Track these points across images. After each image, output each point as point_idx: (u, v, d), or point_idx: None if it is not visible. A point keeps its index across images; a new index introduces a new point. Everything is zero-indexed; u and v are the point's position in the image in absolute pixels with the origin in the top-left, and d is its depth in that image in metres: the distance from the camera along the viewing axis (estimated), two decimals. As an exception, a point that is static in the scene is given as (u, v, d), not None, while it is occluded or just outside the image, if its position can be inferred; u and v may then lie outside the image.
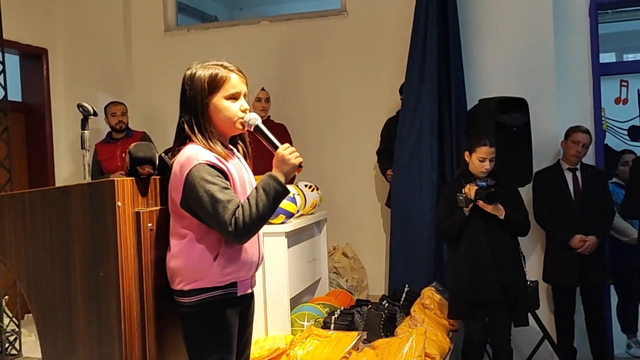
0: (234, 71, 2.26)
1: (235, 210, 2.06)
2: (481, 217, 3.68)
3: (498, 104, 4.46)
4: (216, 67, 2.24)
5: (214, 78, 2.21)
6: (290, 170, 2.15)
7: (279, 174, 2.14)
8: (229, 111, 2.22)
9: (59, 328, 2.14)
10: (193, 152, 2.14)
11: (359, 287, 5.23)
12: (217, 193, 2.07)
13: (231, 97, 2.23)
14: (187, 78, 2.24)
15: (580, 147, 4.43)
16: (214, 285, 2.17)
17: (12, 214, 2.19)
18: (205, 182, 2.08)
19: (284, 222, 3.83)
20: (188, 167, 2.11)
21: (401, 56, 4.94)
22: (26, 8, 5.63)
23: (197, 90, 2.21)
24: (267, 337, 3.71)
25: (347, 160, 5.45)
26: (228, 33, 5.77)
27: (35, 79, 5.87)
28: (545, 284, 4.66)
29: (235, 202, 2.08)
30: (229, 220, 2.05)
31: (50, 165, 5.86)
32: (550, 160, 4.70)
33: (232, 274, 2.19)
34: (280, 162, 2.15)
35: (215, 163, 2.13)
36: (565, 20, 4.89)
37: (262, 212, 2.08)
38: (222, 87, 2.22)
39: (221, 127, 2.25)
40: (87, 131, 2.54)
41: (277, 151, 2.17)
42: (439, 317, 4.03)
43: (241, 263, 2.22)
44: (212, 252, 2.15)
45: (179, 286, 2.19)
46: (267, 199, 2.09)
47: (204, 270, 2.15)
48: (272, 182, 2.11)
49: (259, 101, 5.01)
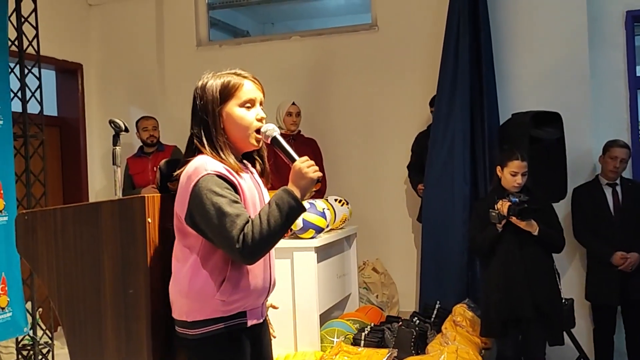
0: (248, 78, 2.10)
1: (244, 226, 1.87)
2: (514, 233, 3.62)
3: (532, 118, 4.40)
4: (228, 75, 2.09)
5: (226, 85, 2.05)
6: (307, 185, 1.95)
7: (294, 188, 1.94)
8: (244, 120, 2.04)
9: (89, 344, 2.15)
10: (201, 163, 1.97)
11: (389, 303, 5.18)
12: (224, 206, 1.88)
13: (245, 104, 2.06)
14: (199, 88, 2.09)
15: (619, 162, 4.34)
16: (220, 315, 1.97)
17: (45, 229, 2.20)
18: (212, 194, 1.90)
19: (314, 236, 3.81)
20: (195, 178, 1.94)
21: (432, 70, 4.91)
22: (62, 25, 5.74)
23: (208, 99, 2.04)
24: (296, 353, 3.69)
25: (377, 174, 5.42)
26: (260, 48, 5.80)
27: (70, 94, 5.98)
28: (585, 303, 4.57)
29: (245, 217, 1.89)
30: (236, 236, 1.85)
31: (84, 179, 5.95)
32: (586, 175, 4.62)
33: (239, 302, 1.99)
34: (296, 176, 1.96)
35: (224, 174, 1.96)
36: (600, 33, 4.82)
37: (273, 229, 1.88)
38: (235, 94, 2.05)
39: (235, 138, 2.06)
40: (119, 147, 2.55)
41: (294, 164, 1.98)
42: (471, 335, 3.96)
43: (249, 290, 2.01)
44: (218, 276, 1.96)
45: (181, 316, 2.01)
46: (280, 215, 1.89)
47: (208, 298, 1.95)
48: (286, 197, 1.92)
49: (290, 115, 5.02)
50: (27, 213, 2.25)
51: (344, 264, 4.46)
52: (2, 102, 4.08)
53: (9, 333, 4.12)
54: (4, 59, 4.15)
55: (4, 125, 4.09)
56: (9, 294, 4.04)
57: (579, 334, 4.38)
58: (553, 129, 4.49)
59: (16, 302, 4.10)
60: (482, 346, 3.98)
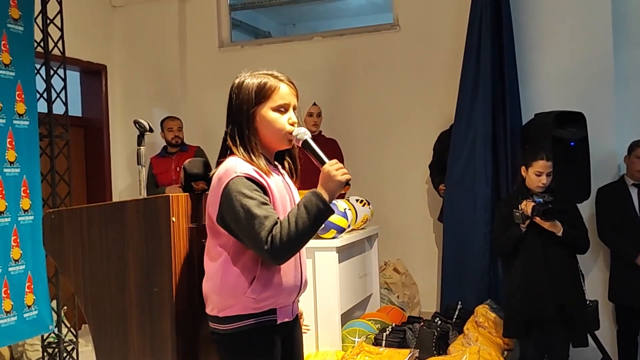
0: (284, 81, 2.11)
1: (272, 227, 1.90)
2: (538, 234, 3.59)
3: (555, 118, 4.37)
4: (266, 76, 2.10)
5: (263, 87, 2.07)
6: (336, 187, 1.97)
7: (323, 191, 1.96)
8: (277, 123, 2.07)
9: (114, 342, 2.18)
10: (231, 165, 2.00)
11: (410, 304, 5.17)
12: (254, 208, 1.92)
13: (279, 108, 2.08)
14: (235, 86, 2.11)
15: None
16: (250, 312, 2.01)
17: (71, 228, 2.23)
18: (242, 195, 1.93)
19: (335, 237, 3.82)
20: (225, 179, 1.97)
21: (454, 70, 4.89)
22: (86, 26, 5.81)
23: (244, 99, 2.07)
24: (317, 352, 3.70)
25: (398, 174, 5.42)
26: (281, 48, 5.82)
27: (95, 95, 6.05)
28: (608, 304, 4.52)
29: (273, 219, 1.93)
30: (265, 238, 1.89)
31: (107, 179, 6.02)
32: (610, 175, 4.57)
33: (270, 299, 2.02)
34: (326, 179, 1.97)
35: (254, 176, 1.99)
36: (625, 32, 4.76)
37: (301, 231, 1.90)
38: (270, 97, 2.07)
39: (267, 140, 2.10)
40: (143, 147, 2.58)
41: (324, 167, 2.00)
42: (493, 336, 3.94)
43: (280, 288, 2.04)
44: (249, 274, 2.00)
45: (213, 312, 2.05)
46: (308, 217, 1.91)
47: (239, 294, 1.99)
48: (314, 199, 1.94)
49: (311, 116, 5.03)
50: (54, 212, 2.28)
51: (365, 264, 4.46)
52: (29, 103, 4.14)
53: (34, 331, 4.18)
54: (30, 60, 4.21)
55: (30, 126, 4.15)
56: (35, 292, 4.10)
57: (603, 334, 4.33)
58: (576, 129, 4.45)
59: (42, 300, 4.15)
60: (504, 347, 3.95)
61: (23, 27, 4.12)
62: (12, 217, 3.99)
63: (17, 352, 4.59)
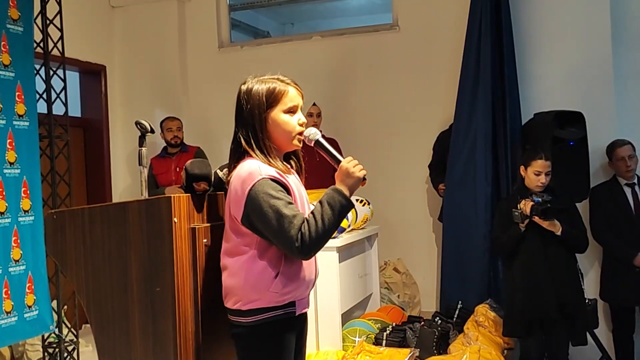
0: (291, 84, 2.22)
1: (301, 226, 2.01)
2: (537, 233, 3.61)
3: (554, 118, 4.38)
4: (273, 80, 2.20)
5: (272, 92, 2.17)
6: (354, 183, 2.09)
7: (343, 187, 2.08)
8: (288, 125, 2.17)
9: (116, 341, 2.19)
10: (255, 167, 2.09)
11: (411, 303, 5.17)
12: (282, 208, 2.02)
13: (289, 110, 2.18)
14: (244, 92, 2.19)
15: (628, 160, 4.31)
16: (273, 305, 2.11)
17: (73, 228, 2.25)
18: (269, 197, 2.03)
19: (336, 236, 3.82)
20: (251, 182, 2.06)
21: (454, 70, 4.90)
22: (86, 27, 5.80)
23: (255, 104, 2.15)
24: (318, 352, 3.70)
25: (398, 174, 5.42)
26: (280, 48, 5.83)
27: (94, 95, 6.04)
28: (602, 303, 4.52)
29: (301, 217, 2.03)
30: (295, 236, 2.00)
31: (107, 179, 6.01)
32: (610, 175, 4.58)
33: (291, 293, 2.13)
34: (344, 176, 2.09)
35: (278, 178, 2.09)
36: (624, 33, 4.77)
37: (327, 227, 2.02)
38: (280, 100, 2.17)
39: (279, 142, 2.19)
40: (145, 148, 2.57)
41: (341, 164, 2.11)
42: (493, 335, 3.95)
43: (300, 281, 2.16)
44: (273, 270, 2.09)
45: (236, 305, 2.13)
46: (333, 213, 2.03)
47: (264, 289, 2.09)
48: (337, 196, 2.05)
49: (311, 116, 5.04)
50: (56, 213, 2.29)
51: (366, 263, 4.47)
52: (28, 104, 4.14)
53: (35, 330, 4.18)
54: (29, 60, 4.21)
55: (30, 127, 4.15)
56: (35, 292, 4.10)
57: (599, 333, 4.35)
58: (576, 128, 4.47)
59: (42, 300, 4.15)
60: (504, 346, 3.96)
61: (22, 28, 4.11)
62: (13, 218, 3.99)
63: (17, 352, 4.60)
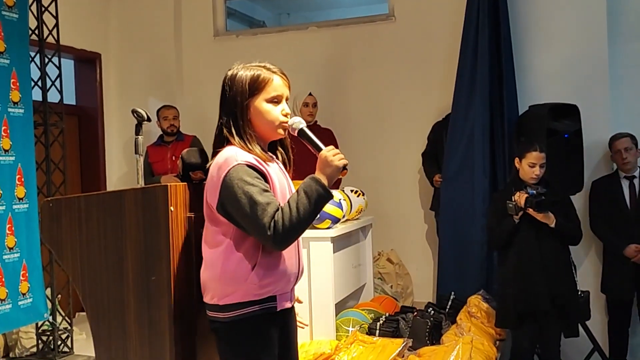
0: (277, 73, 2.15)
1: (274, 214, 1.94)
2: (532, 225, 3.62)
3: (549, 110, 4.39)
4: (258, 68, 2.13)
5: (256, 79, 2.10)
6: (333, 172, 2.01)
7: (322, 176, 2.00)
8: (269, 114, 2.11)
9: (112, 330, 2.19)
10: (231, 154, 2.03)
11: (403, 294, 5.20)
12: (256, 195, 1.95)
13: (272, 100, 2.11)
14: (228, 78, 2.14)
15: (625, 152, 4.33)
16: (251, 299, 2.03)
17: (69, 217, 2.24)
18: (244, 183, 1.96)
19: (330, 227, 3.83)
20: (226, 168, 2.00)
21: (450, 61, 4.90)
22: (81, 14, 5.77)
23: (238, 91, 2.10)
24: (312, 341, 3.72)
25: (393, 166, 5.44)
26: (276, 38, 5.82)
27: (89, 83, 6.01)
28: (600, 296, 4.57)
29: (275, 205, 1.96)
30: (267, 224, 1.92)
31: (102, 167, 6.00)
32: (603, 167, 4.61)
33: (270, 286, 2.05)
34: (323, 165, 2.02)
35: (254, 164, 2.02)
36: (620, 26, 4.78)
37: (302, 216, 1.94)
38: (263, 89, 2.10)
39: (261, 130, 2.13)
40: (141, 136, 2.58)
41: (320, 153, 2.05)
42: (485, 326, 3.98)
43: (280, 274, 2.07)
44: (250, 261, 2.02)
45: (213, 300, 2.06)
46: (309, 202, 1.95)
47: (240, 281, 2.01)
48: (314, 184, 1.98)
49: (307, 106, 5.04)
50: (52, 201, 2.28)
51: (360, 254, 4.48)
52: (23, 91, 4.13)
53: (29, 318, 4.19)
54: (25, 48, 4.20)
55: (25, 114, 4.14)
56: (30, 280, 4.11)
57: (594, 326, 4.38)
58: (570, 121, 4.48)
59: (36, 288, 4.16)
60: (496, 337, 3.99)
61: (18, 15, 4.10)
62: (7, 205, 3.99)
63: (11, 339, 4.60)
